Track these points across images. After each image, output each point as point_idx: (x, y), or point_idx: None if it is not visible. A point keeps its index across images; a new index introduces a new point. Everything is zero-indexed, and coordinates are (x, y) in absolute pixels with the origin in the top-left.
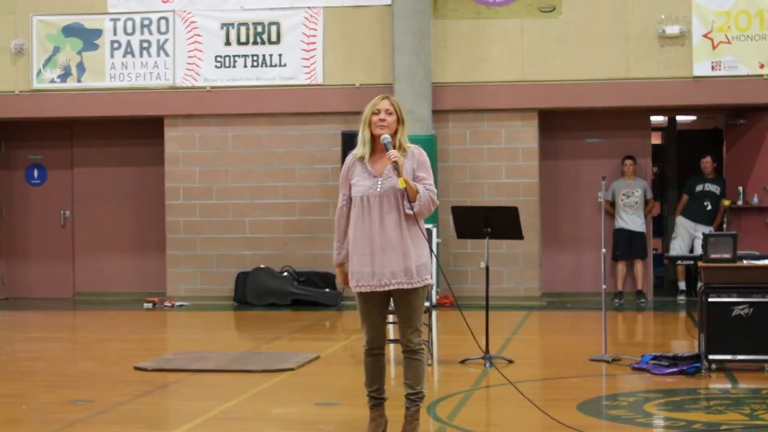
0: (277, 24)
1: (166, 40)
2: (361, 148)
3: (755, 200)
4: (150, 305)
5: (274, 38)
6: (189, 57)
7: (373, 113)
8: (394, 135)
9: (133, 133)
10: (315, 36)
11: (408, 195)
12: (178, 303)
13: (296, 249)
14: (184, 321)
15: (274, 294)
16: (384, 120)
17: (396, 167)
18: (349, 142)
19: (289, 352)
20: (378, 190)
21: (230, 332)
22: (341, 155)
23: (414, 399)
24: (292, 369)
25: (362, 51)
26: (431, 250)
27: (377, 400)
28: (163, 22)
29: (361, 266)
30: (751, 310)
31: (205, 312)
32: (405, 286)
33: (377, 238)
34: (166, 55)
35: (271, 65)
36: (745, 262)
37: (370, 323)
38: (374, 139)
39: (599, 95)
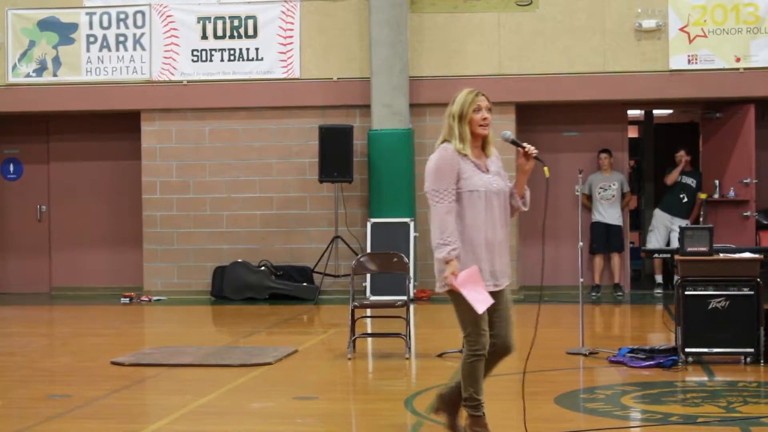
0: (254, 18)
1: (142, 34)
2: (459, 144)
3: (731, 193)
4: (127, 300)
5: (250, 32)
6: (165, 51)
7: (475, 111)
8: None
9: (109, 128)
10: (292, 30)
11: (518, 192)
12: (155, 297)
13: (274, 243)
14: (162, 315)
15: (252, 288)
16: (486, 119)
17: (539, 159)
18: (326, 135)
19: (266, 346)
20: (495, 186)
21: (208, 327)
22: (319, 149)
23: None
24: (269, 363)
25: (339, 45)
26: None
27: (481, 406)
28: (139, 16)
29: (480, 264)
30: (728, 303)
31: (183, 306)
32: (508, 283)
33: (498, 236)
34: (143, 49)
35: (248, 59)
36: (721, 255)
37: (482, 326)
38: (473, 136)
39: (576, 89)
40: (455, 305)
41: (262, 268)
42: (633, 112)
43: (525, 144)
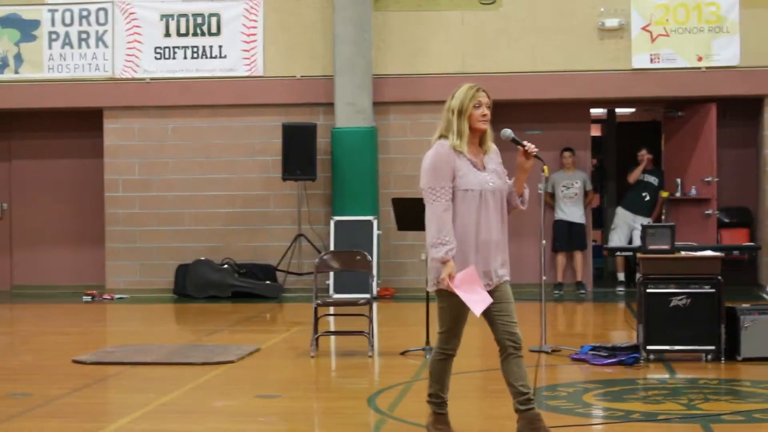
0: (217, 15)
1: (105, 32)
2: (456, 140)
3: (693, 192)
4: (89, 298)
5: (214, 29)
6: (128, 48)
7: (475, 106)
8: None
9: (72, 125)
10: (255, 27)
11: (517, 190)
12: (117, 296)
13: (237, 241)
14: (124, 314)
15: (215, 286)
16: (486, 115)
17: (539, 158)
18: (290, 133)
19: (229, 344)
20: (491, 185)
21: (170, 325)
22: (282, 147)
23: (531, 399)
24: (232, 361)
25: (303, 42)
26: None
27: (445, 404)
28: (101, 13)
29: (477, 264)
30: (689, 300)
31: (145, 305)
32: (506, 278)
33: (493, 235)
34: (105, 46)
35: (211, 57)
36: (683, 253)
37: (460, 327)
38: (472, 132)
39: (539, 87)
40: (439, 302)
41: (225, 266)
42: (596, 111)
43: (525, 142)
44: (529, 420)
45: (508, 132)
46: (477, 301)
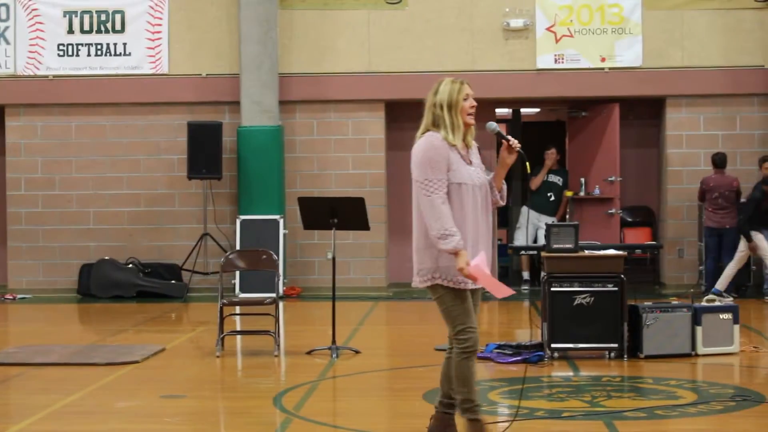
0: (122, 12)
1: (6, 28)
2: (450, 135)
3: (597, 191)
4: None
5: (118, 27)
6: (31, 45)
7: (464, 99)
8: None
9: None
10: (160, 25)
11: (496, 185)
12: (19, 296)
13: (142, 240)
14: (27, 314)
15: (119, 286)
16: (474, 107)
17: (522, 155)
18: (195, 132)
19: (134, 344)
20: (478, 180)
21: (74, 325)
22: (187, 146)
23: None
24: (137, 362)
25: (209, 40)
26: None
27: (480, 408)
28: (3, 9)
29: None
30: (592, 299)
31: (48, 305)
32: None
33: (482, 230)
34: (7, 43)
35: (115, 54)
36: (586, 252)
37: (473, 319)
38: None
39: None
40: (440, 303)
41: (130, 265)
42: (501, 111)
43: (509, 137)
44: (447, 424)
45: (493, 125)
46: (497, 286)
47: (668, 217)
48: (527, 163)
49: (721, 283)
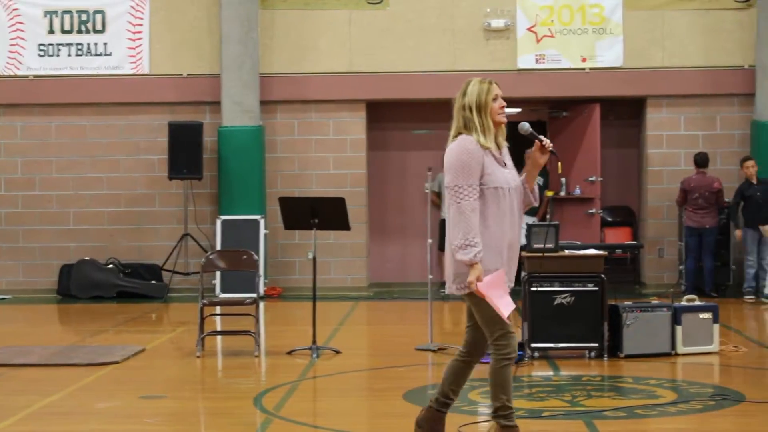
0: (102, 12)
1: None
2: (482, 137)
3: (577, 191)
4: None
5: (99, 27)
6: (11, 45)
7: (493, 99)
8: None
9: None
10: (141, 25)
11: (528, 185)
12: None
13: (122, 241)
14: (7, 314)
15: (99, 286)
16: (504, 107)
17: (555, 154)
18: (176, 132)
19: (114, 345)
20: (513, 183)
21: (54, 326)
22: (168, 146)
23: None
24: (116, 362)
25: (189, 40)
26: None
27: (514, 412)
28: None
29: (500, 265)
30: (573, 299)
31: (28, 305)
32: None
33: (515, 235)
34: None
35: (95, 54)
36: (567, 251)
37: (511, 327)
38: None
39: (426, 87)
40: (478, 309)
41: (110, 266)
42: None
43: (542, 137)
44: (437, 419)
45: (526, 126)
46: (504, 304)
47: (648, 217)
48: (560, 163)
49: None
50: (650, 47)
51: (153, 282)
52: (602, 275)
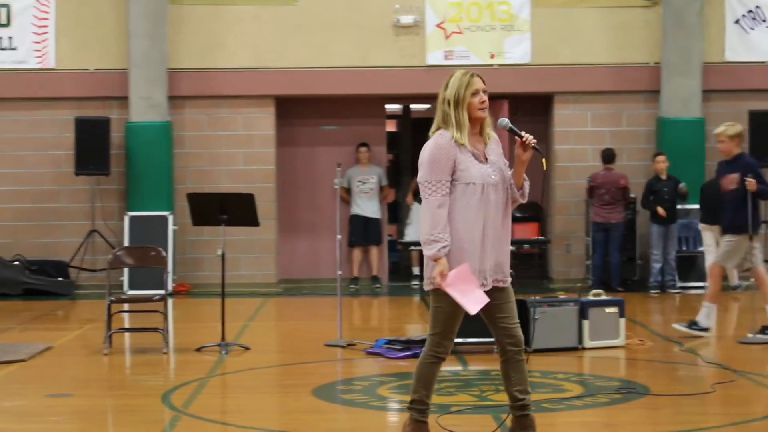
0: (7, 6)
1: None
2: (456, 132)
3: None
4: None
5: (3, 20)
6: None
7: (472, 94)
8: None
9: None
10: (47, 19)
11: (515, 183)
12: None
13: (28, 237)
14: None
15: (5, 284)
16: (484, 102)
17: (537, 149)
18: (82, 127)
19: (19, 342)
20: (493, 178)
21: None
22: (74, 141)
23: (527, 405)
24: (23, 360)
25: (97, 35)
26: None
27: (428, 412)
28: None
29: (471, 262)
30: None
31: None
32: (501, 285)
33: (495, 231)
34: None
35: (0, 48)
36: None
37: (453, 329)
38: (471, 122)
39: (335, 83)
40: (433, 301)
41: (16, 262)
42: (391, 107)
43: (523, 133)
44: (522, 426)
45: (505, 121)
46: (471, 300)
47: (556, 213)
48: (544, 159)
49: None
50: (558, 44)
51: (60, 279)
52: (511, 271)
